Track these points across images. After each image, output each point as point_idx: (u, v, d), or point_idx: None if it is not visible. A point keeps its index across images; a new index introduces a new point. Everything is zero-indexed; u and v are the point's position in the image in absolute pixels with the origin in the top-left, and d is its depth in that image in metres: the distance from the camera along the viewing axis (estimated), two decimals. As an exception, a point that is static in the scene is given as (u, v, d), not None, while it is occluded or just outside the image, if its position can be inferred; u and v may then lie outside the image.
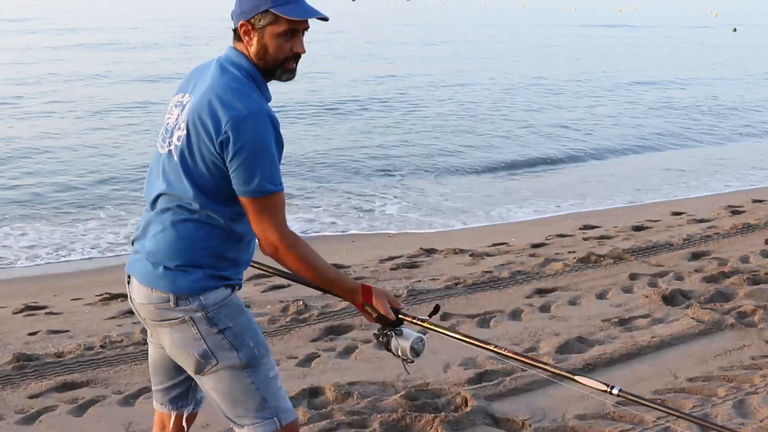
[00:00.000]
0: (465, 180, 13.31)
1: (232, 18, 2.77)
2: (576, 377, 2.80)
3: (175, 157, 2.72)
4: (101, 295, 6.85)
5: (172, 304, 2.74)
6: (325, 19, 2.78)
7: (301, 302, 6.40)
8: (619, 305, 6.38)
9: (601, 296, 6.60)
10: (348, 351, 5.49)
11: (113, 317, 6.28)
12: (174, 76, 21.90)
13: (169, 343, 2.82)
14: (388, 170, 13.60)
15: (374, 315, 2.91)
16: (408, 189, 12.50)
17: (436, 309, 3.05)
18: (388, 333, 2.96)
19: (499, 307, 6.36)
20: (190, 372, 2.85)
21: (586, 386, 2.77)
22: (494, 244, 8.74)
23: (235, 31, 2.77)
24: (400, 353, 2.96)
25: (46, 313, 6.50)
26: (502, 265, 7.60)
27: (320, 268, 2.82)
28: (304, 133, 16.40)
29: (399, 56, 32.40)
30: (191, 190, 2.69)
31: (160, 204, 2.78)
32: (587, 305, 6.39)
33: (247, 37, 2.73)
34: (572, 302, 6.45)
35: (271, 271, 3.29)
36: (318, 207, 11.30)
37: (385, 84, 23.93)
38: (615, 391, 2.70)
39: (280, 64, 2.75)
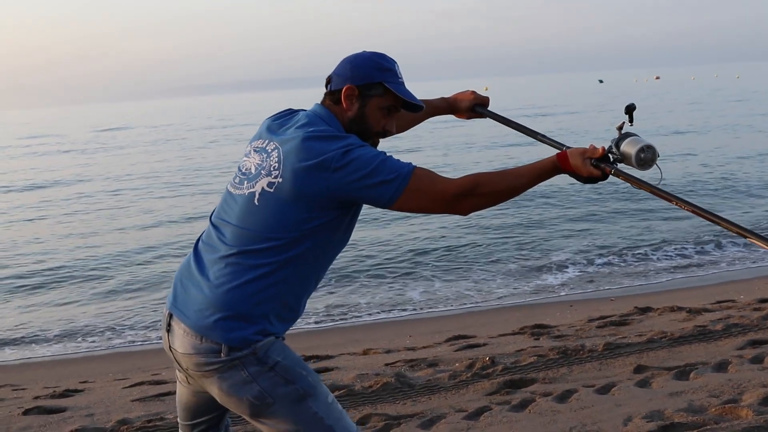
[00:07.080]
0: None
1: (329, 80, 2.75)
2: (749, 235, 2.44)
3: (258, 200, 2.57)
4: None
5: (223, 355, 2.54)
6: (420, 108, 2.77)
7: (488, 358, 6.08)
8: None
9: (827, 347, 5.74)
10: (523, 404, 5.04)
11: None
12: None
13: (218, 392, 2.61)
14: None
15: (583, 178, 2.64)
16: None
17: (629, 109, 2.72)
18: (603, 166, 2.62)
19: (704, 359, 5.67)
20: (246, 417, 2.64)
21: (760, 246, 2.44)
22: (718, 302, 7.97)
23: (333, 92, 2.72)
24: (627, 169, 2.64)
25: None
26: (719, 319, 6.86)
27: (511, 181, 2.61)
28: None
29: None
30: (276, 230, 2.54)
31: (231, 244, 2.59)
32: (809, 356, 5.57)
33: (348, 102, 2.70)
34: (791, 353, 5.65)
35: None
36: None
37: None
38: None
39: (371, 136, 2.73)
